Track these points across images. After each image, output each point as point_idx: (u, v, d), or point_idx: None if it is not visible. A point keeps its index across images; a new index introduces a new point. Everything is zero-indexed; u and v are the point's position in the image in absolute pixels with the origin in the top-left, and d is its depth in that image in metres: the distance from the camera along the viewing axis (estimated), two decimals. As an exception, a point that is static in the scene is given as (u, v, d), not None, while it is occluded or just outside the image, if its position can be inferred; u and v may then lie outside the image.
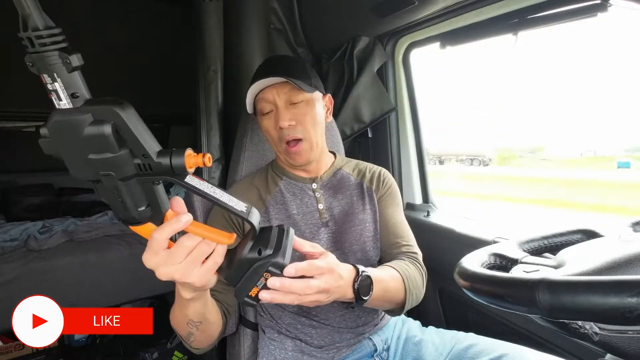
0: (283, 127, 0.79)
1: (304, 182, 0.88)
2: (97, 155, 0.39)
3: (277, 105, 0.80)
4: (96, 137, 0.38)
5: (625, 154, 2.44)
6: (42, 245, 1.52)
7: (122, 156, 0.39)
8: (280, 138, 0.81)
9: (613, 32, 1.30)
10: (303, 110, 0.81)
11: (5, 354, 1.64)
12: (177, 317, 0.65)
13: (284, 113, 0.79)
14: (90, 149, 0.39)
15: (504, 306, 0.44)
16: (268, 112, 0.82)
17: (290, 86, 0.79)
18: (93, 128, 0.37)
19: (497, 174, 3.53)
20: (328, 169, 0.92)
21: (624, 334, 0.42)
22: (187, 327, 0.65)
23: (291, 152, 0.81)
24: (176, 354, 1.66)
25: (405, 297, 0.75)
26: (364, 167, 0.95)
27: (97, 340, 1.88)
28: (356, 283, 0.64)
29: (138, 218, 0.45)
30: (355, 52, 1.33)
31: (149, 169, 0.41)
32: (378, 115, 1.38)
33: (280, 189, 0.87)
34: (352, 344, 0.81)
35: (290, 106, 0.80)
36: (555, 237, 0.64)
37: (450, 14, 1.09)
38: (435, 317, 1.25)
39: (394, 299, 0.74)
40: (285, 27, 1.46)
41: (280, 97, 0.80)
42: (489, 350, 0.71)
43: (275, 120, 0.80)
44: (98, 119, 0.38)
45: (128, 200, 0.43)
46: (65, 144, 0.39)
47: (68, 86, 0.37)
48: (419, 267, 0.83)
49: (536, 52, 3.11)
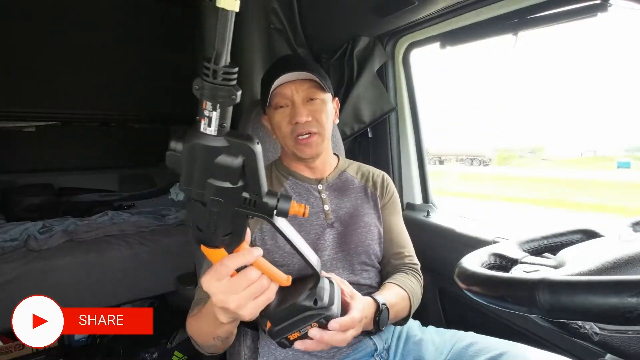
0: (300, 122, 0.80)
1: (310, 183, 0.89)
2: (217, 182, 0.42)
3: (294, 101, 0.81)
4: (225, 167, 0.41)
5: (625, 154, 2.44)
6: (42, 245, 1.52)
7: (237, 188, 0.43)
8: (293, 132, 0.82)
9: (613, 32, 1.30)
10: (319, 107, 0.83)
11: (5, 354, 1.64)
12: (203, 331, 0.67)
13: (301, 109, 0.80)
14: (213, 175, 0.42)
15: (504, 306, 0.44)
16: (282, 107, 0.82)
17: (309, 84, 0.81)
18: (226, 158, 0.41)
19: (497, 174, 3.53)
20: (333, 171, 0.92)
21: (624, 334, 0.42)
22: (212, 340, 0.66)
23: (302, 143, 0.82)
24: (176, 354, 1.66)
25: (409, 312, 0.82)
26: (367, 170, 0.97)
27: (97, 340, 1.88)
28: (378, 316, 0.70)
29: (218, 243, 0.48)
30: (355, 52, 1.33)
31: (252, 205, 0.45)
32: (378, 115, 1.38)
33: (285, 189, 0.88)
34: (353, 343, 0.81)
35: (307, 103, 0.82)
36: (555, 237, 0.64)
37: (450, 14, 1.09)
38: (435, 316, 1.25)
39: (400, 316, 0.80)
40: (285, 27, 1.46)
41: (298, 93, 0.81)
42: (489, 349, 0.71)
43: (291, 115, 0.81)
44: (233, 152, 0.41)
45: (219, 227, 0.46)
46: (193, 163, 0.42)
47: (222, 117, 0.40)
48: (419, 279, 0.89)
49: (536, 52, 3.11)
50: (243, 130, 1.05)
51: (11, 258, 1.45)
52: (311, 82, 0.81)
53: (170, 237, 1.74)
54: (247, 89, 1.27)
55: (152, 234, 1.74)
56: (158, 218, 1.93)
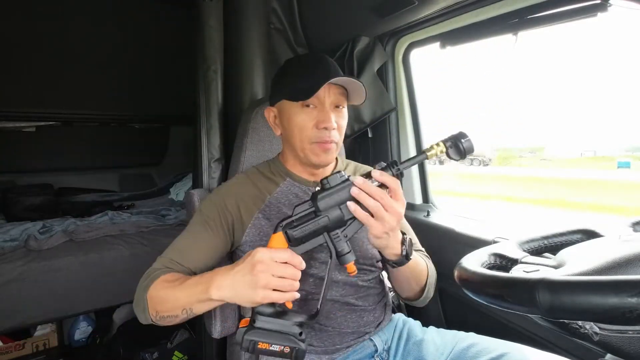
0: (329, 128, 0.77)
1: (307, 185, 0.87)
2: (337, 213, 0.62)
3: (324, 103, 0.78)
4: None
5: (625, 154, 2.44)
6: (42, 245, 1.51)
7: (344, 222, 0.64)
8: (317, 136, 0.79)
9: (613, 32, 1.30)
10: (344, 115, 0.82)
11: (5, 354, 1.63)
12: (176, 300, 0.66)
13: (330, 114, 0.78)
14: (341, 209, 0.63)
15: (504, 306, 0.44)
16: (309, 106, 0.79)
17: (340, 90, 0.79)
18: None
19: (497, 174, 3.53)
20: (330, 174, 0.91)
21: (624, 334, 0.42)
22: (178, 311, 0.66)
23: (324, 149, 0.79)
24: (176, 354, 1.66)
25: (426, 282, 0.81)
26: (364, 170, 0.95)
27: (97, 340, 1.88)
28: (406, 239, 0.70)
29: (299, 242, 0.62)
30: (355, 52, 1.33)
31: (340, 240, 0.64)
32: (378, 115, 1.38)
33: (282, 189, 0.86)
34: (353, 344, 0.81)
35: (335, 109, 0.80)
36: (555, 237, 0.64)
37: (450, 14, 1.09)
38: (436, 317, 1.25)
39: (420, 277, 0.80)
40: (285, 27, 1.46)
41: (330, 97, 0.78)
42: (490, 350, 0.71)
43: (319, 119, 0.78)
44: None
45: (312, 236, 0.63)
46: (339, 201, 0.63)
47: None
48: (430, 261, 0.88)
49: (536, 52, 3.10)
50: (242, 132, 1.04)
51: (11, 258, 1.44)
52: (341, 88, 0.79)
53: (170, 237, 1.72)
54: (247, 89, 1.27)
55: (152, 234, 1.74)
56: (158, 218, 1.93)
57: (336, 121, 0.79)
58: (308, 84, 0.75)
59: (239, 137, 1.05)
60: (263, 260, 0.57)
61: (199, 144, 1.19)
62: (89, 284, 1.55)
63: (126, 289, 1.62)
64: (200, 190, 1.08)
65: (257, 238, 0.81)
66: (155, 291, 0.69)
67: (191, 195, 1.03)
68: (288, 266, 0.58)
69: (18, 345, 1.66)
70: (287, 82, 0.82)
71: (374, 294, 0.85)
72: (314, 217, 0.61)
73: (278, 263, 0.57)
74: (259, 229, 0.82)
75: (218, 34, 1.21)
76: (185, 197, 1.07)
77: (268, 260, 0.57)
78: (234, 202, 0.83)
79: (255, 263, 0.57)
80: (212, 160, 1.19)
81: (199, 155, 1.19)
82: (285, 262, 0.58)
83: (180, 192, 2.33)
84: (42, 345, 1.71)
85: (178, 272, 0.74)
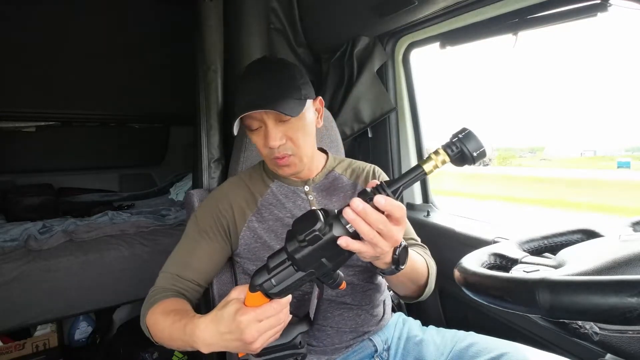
0: (273, 147, 0.75)
1: (296, 185, 0.86)
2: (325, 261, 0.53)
3: (266, 123, 0.75)
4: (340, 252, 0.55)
5: (625, 154, 2.44)
6: (42, 245, 1.51)
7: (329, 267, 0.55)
8: (270, 153, 0.78)
9: (613, 32, 1.30)
10: (294, 126, 0.76)
11: (5, 354, 1.63)
12: (172, 340, 0.67)
13: (273, 132, 0.74)
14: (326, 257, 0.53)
15: (504, 306, 0.44)
16: (257, 129, 0.77)
17: None
18: None
19: (497, 174, 3.53)
20: (320, 172, 0.89)
21: (624, 334, 0.42)
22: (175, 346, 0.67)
23: (280, 165, 0.79)
24: (176, 354, 1.66)
25: (427, 279, 0.78)
26: (357, 166, 0.93)
27: (97, 340, 1.88)
28: (398, 249, 0.62)
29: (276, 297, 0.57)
30: (355, 52, 1.33)
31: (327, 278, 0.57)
32: (378, 115, 1.38)
33: (272, 190, 0.86)
34: (352, 344, 0.81)
35: (280, 123, 0.75)
36: (555, 237, 0.64)
37: (450, 14, 1.09)
38: (436, 316, 1.25)
39: (418, 278, 0.76)
40: (285, 27, 1.46)
41: (269, 115, 0.74)
42: (490, 349, 0.71)
43: (265, 138, 0.75)
44: None
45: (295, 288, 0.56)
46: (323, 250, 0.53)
47: None
48: (429, 255, 0.85)
49: (536, 52, 3.11)
50: (242, 132, 1.04)
51: (11, 258, 1.44)
52: None
53: (170, 237, 1.73)
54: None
55: (152, 234, 1.74)
56: (158, 218, 1.92)
57: (284, 135, 0.75)
58: (238, 110, 0.73)
59: (238, 137, 1.05)
60: (250, 326, 0.54)
61: (199, 144, 1.19)
62: (89, 284, 1.54)
63: (126, 289, 1.62)
64: (200, 190, 1.08)
65: (251, 241, 0.82)
66: (154, 319, 0.70)
67: (191, 196, 1.03)
68: (276, 316, 0.56)
69: (18, 345, 1.66)
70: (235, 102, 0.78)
71: (371, 292, 0.84)
72: (294, 272, 0.53)
73: (265, 320, 0.55)
74: (253, 231, 0.82)
75: (218, 34, 1.21)
76: (185, 197, 1.07)
77: (254, 323, 0.54)
78: (227, 206, 0.83)
79: (243, 329, 0.54)
80: (212, 160, 1.19)
81: (198, 155, 1.19)
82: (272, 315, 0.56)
83: (180, 192, 2.33)
84: (42, 345, 1.71)
85: (180, 291, 0.76)
